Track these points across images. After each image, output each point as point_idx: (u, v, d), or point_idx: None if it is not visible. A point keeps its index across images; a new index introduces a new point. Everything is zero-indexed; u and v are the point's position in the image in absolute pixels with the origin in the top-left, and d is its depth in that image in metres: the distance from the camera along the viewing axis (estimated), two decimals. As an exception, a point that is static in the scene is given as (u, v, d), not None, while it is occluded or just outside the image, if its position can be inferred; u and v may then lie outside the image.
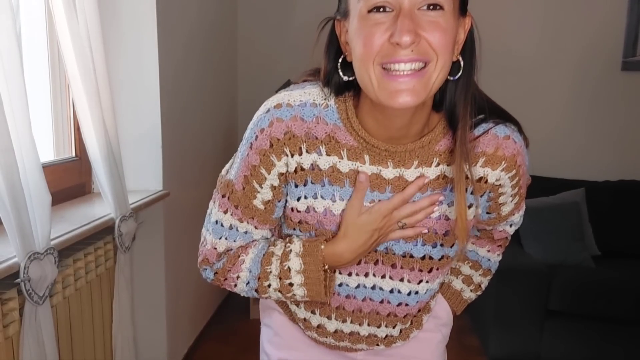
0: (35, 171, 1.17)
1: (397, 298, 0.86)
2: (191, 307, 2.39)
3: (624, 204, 2.70)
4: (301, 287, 0.81)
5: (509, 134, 0.78)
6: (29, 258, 1.13)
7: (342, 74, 0.74)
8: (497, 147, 0.77)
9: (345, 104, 0.77)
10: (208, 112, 2.55)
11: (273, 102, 0.78)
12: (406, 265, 0.83)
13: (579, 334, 2.27)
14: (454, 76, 0.72)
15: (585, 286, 2.22)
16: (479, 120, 0.77)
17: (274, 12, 3.04)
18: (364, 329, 0.89)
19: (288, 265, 0.81)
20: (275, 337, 0.99)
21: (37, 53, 1.59)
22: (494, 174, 0.79)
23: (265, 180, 0.79)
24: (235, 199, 0.82)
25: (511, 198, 0.84)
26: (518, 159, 0.79)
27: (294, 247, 0.81)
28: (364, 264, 0.84)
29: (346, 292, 0.86)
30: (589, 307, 2.22)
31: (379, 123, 0.75)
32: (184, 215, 2.20)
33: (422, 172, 0.78)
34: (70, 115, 1.70)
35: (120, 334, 1.70)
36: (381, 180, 0.78)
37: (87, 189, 1.81)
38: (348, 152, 0.77)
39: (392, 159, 0.77)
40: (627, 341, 2.22)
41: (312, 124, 0.76)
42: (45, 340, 1.21)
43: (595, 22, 2.86)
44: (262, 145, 0.77)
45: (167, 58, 1.94)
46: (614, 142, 2.96)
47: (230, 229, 0.84)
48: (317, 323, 0.90)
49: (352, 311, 0.87)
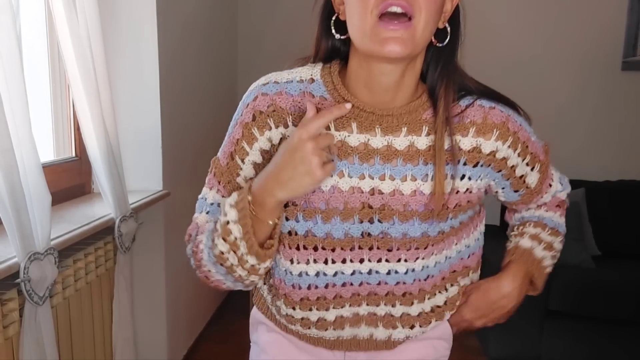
0: (35, 171, 1.17)
1: (394, 278, 0.85)
2: (191, 307, 2.39)
3: (624, 204, 2.70)
4: (236, 224, 0.74)
5: (494, 105, 0.80)
6: (29, 258, 1.12)
7: (335, 31, 0.78)
8: (484, 116, 0.79)
9: (331, 74, 0.79)
10: (208, 112, 2.55)
11: (260, 81, 0.81)
12: (403, 247, 0.82)
13: (579, 334, 2.27)
14: (442, 42, 0.76)
15: (586, 286, 2.22)
16: (461, 95, 0.80)
17: (275, 11, 3.04)
18: (363, 308, 0.87)
19: (226, 219, 0.75)
20: (262, 353, 0.95)
21: (37, 53, 1.59)
22: (488, 144, 0.80)
23: (247, 155, 0.80)
24: (219, 174, 0.83)
25: (527, 167, 0.85)
26: (510, 125, 0.80)
27: (229, 199, 0.76)
28: (358, 249, 0.82)
29: (342, 280, 0.84)
30: (589, 307, 2.22)
31: (367, 86, 0.76)
32: (184, 215, 2.19)
33: (412, 140, 0.78)
34: (70, 115, 1.70)
35: (120, 335, 1.70)
36: (369, 149, 0.78)
37: (87, 189, 1.81)
38: (335, 123, 0.78)
39: (380, 124, 0.77)
40: (627, 341, 2.22)
41: (299, 98, 0.78)
42: (45, 340, 1.21)
43: (596, 22, 2.86)
44: (245, 118, 0.80)
45: (167, 58, 1.93)
46: (614, 142, 2.96)
47: (212, 205, 0.84)
48: (317, 317, 0.87)
49: (349, 296, 0.86)
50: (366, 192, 0.79)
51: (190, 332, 2.41)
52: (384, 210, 0.80)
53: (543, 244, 0.93)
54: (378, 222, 0.80)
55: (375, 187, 0.79)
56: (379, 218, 0.80)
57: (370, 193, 0.79)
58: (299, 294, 0.85)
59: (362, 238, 0.81)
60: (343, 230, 0.81)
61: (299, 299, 0.86)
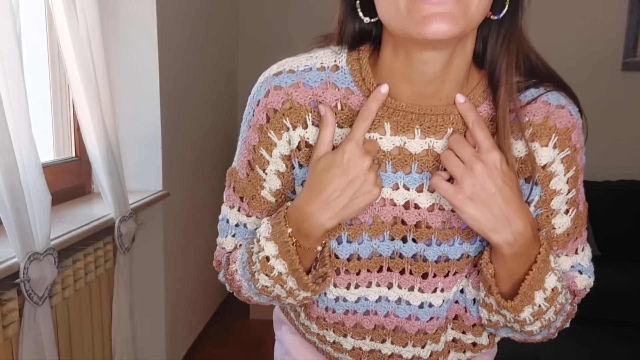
0: (35, 171, 1.16)
1: (428, 313, 0.70)
2: (190, 308, 2.39)
3: (624, 204, 2.70)
4: (277, 258, 0.65)
5: (564, 103, 0.65)
6: (29, 258, 1.12)
7: (362, 15, 0.62)
8: (547, 115, 0.63)
9: (360, 60, 0.64)
10: (208, 113, 2.55)
11: (272, 70, 0.68)
12: (440, 272, 0.68)
13: (578, 335, 2.26)
14: (498, 14, 0.59)
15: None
16: (529, 84, 0.65)
17: (275, 11, 3.04)
18: (387, 347, 0.73)
19: (264, 254, 0.65)
20: (286, 355, 0.87)
21: (37, 53, 1.59)
22: (544, 152, 0.63)
23: (268, 164, 0.68)
24: (240, 189, 0.71)
25: (565, 205, 0.67)
26: (573, 135, 0.64)
27: (261, 230, 0.66)
28: (387, 272, 0.69)
29: (364, 307, 0.72)
30: (589, 308, 2.20)
31: (405, 77, 0.61)
32: (184, 216, 2.20)
33: None
34: (70, 115, 1.70)
35: (119, 335, 1.69)
36: (405, 155, 0.64)
37: (87, 189, 1.81)
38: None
39: (420, 125, 0.63)
40: (627, 342, 2.22)
41: (319, 91, 0.64)
42: (44, 341, 1.21)
43: (596, 22, 2.86)
44: (259, 120, 0.66)
45: (167, 58, 1.93)
46: (614, 142, 2.96)
47: (237, 227, 0.73)
48: (332, 340, 0.77)
49: (371, 329, 0.73)
50: (400, 204, 0.66)
51: (189, 332, 2.40)
52: (420, 227, 0.66)
53: (559, 276, 0.67)
54: (412, 241, 0.67)
55: (411, 200, 0.65)
56: (413, 237, 0.67)
57: (405, 207, 0.66)
58: (316, 311, 0.75)
59: (393, 259, 0.68)
60: (371, 248, 0.68)
61: (315, 316, 0.76)
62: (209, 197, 2.45)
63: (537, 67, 0.65)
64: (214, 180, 2.48)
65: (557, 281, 0.65)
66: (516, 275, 0.64)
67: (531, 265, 0.63)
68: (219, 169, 2.52)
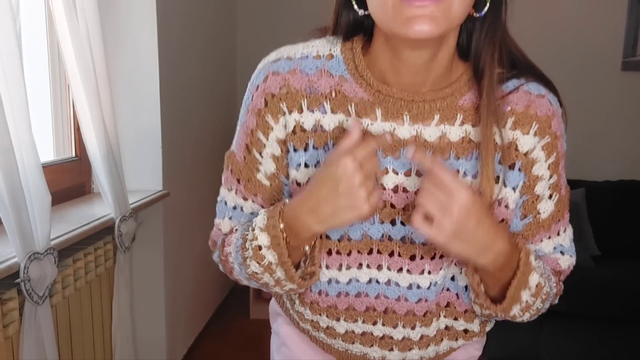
0: (35, 171, 1.17)
1: (416, 294, 0.73)
2: (191, 306, 2.39)
3: (624, 204, 2.70)
4: (269, 249, 0.68)
5: (544, 93, 0.69)
6: (29, 258, 1.13)
7: (357, 7, 0.65)
8: (528, 104, 0.67)
9: (353, 50, 0.68)
10: (208, 112, 2.55)
11: (271, 57, 0.71)
12: (427, 255, 0.71)
13: (578, 334, 2.27)
14: (480, 12, 0.63)
15: (585, 286, 2.22)
16: (511, 75, 0.68)
17: (274, 11, 3.04)
18: (378, 329, 0.76)
19: (257, 243, 0.68)
20: (282, 346, 0.90)
21: (37, 53, 1.59)
22: (526, 139, 0.67)
23: (265, 147, 0.71)
24: (237, 172, 0.74)
25: (548, 190, 0.71)
26: (553, 122, 0.68)
27: (257, 220, 0.69)
28: (377, 254, 0.71)
29: (356, 289, 0.74)
30: (588, 307, 2.22)
31: (393, 67, 0.66)
32: (184, 215, 2.20)
33: (444, 130, 0.67)
34: (70, 115, 1.70)
35: (119, 334, 1.70)
36: (395, 140, 0.67)
37: (87, 189, 1.81)
38: (356, 107, 0.68)
39: (409, 111, 0.67)
40: (627, 341, 2.22)
41: (315, 77, 0.68)
42: (45, 340, 1.21)
43: (595, 22, 2.86)
44: (257, 104, 0.70)
45: (167, 58, 1.94)
46: (614, 142, 2.96)
47: (234, 209, 0.76)
48: (326, 325, 0.79)
49: (363, 310, 0.76)
50: (389, 188, 0.69)
51: (189, 331, 2.41)
52: (408, 210, 0.69)
53: (541, 272, 0.71)
54: (401, 224, 0.70)
55: (400, 184, 0.69)
56: (401, 220, 0.70)
57: (394, 190, 0.69)
58: (310, 296, 0.78)
59: (382, 241, 0.71)
60: (361, 230, 0.71)
61: (309, 301, 0.79)
62: (209, 197, 2.44)
63: (518, 60, 0.70)
64: (214, 180, 2.46)
65: (540, 277, 0.70)
66: (502, 280, 0.69)
67: (515, 270, 0.68)
68: (218, 168, 2.52)
